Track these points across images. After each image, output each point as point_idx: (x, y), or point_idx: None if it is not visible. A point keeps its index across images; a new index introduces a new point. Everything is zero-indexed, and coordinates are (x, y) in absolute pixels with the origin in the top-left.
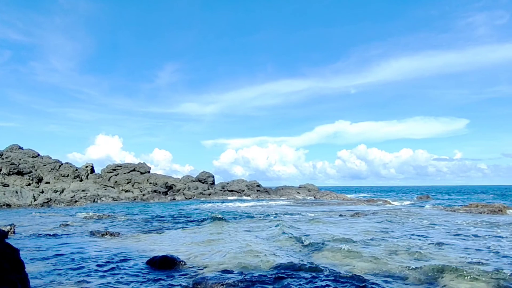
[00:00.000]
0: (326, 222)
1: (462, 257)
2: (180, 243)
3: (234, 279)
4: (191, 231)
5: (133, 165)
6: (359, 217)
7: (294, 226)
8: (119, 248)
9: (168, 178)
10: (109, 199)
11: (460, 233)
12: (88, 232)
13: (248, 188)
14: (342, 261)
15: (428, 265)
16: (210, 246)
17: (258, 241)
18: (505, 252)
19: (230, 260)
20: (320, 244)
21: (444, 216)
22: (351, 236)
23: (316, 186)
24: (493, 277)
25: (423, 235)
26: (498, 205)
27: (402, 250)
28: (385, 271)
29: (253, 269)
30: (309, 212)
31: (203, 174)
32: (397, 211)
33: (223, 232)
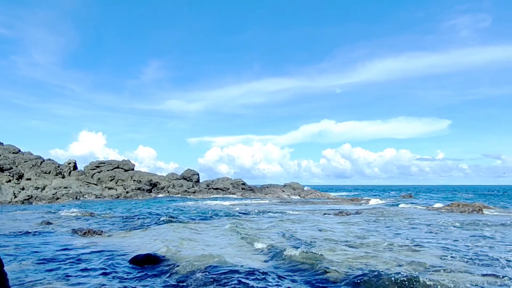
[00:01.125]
0: (298, 221)
1: (443, 256)
2: (165, 239)
3: (216, 276)
4: (173, 228)
5: (117, 162)
6: (342, 216)
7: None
8: (102, 246)
9: (152, 176)
10: (92, 196)
11: (441, 232)
12: (70, 230)
13: (233, 186)
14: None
15: (407, 264)
16: (191, 243)
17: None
18: (485, 251)
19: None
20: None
21: (426, 216)
22: (325, 236)
23: (301, 185)
24: (472, 275)
25: (404, 234)
26: (479, 205)
27: (378, 249)
28: (339, 275)
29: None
30: (289, 211)
31: (187, 172)
32: (379, 210)
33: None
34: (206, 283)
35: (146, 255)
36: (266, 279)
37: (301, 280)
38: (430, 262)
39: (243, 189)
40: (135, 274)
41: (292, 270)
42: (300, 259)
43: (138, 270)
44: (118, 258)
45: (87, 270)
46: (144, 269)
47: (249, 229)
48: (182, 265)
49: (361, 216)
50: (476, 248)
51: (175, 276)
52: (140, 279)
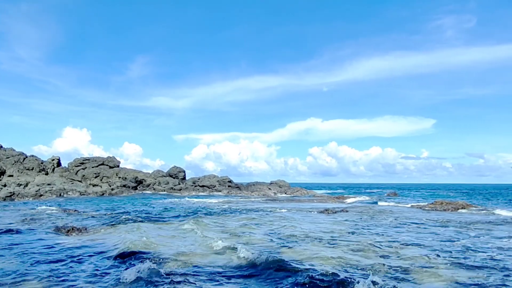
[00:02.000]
0: (278, 219)
1: (425, 255)
2: (150, 236)
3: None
4: (157, 226)
5: (102, 159)
6: (328, 214)
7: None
8: (85, 244)
9: (138, 173)
10: (76, 193)
11: (424, 230)
12: (53, 227)
13: (220, 184)
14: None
15: (385, 263)
16: (173, 240)
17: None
18: (467, 248)
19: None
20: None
21: (410, 213)
22: (304, 233)
23: (287, 183)
24: (454, 272)
25: (387, 232)
26: (461, 203)
27: (356, 247)
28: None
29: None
30: (274, 209)
31: (174, 169)
32: (364, 208)
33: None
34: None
35: (131, 252)
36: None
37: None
38: (412, 260)
39: (229, 187)
40: (120, 270)
41: (237, 270)
42: (248, 260)
43: (122, 266)
44: (103, 254)
45: (70, 267)
46: (129, 265)
47: (214, 226)
48: (168, 263)
49: (346, 214)
50: (458, 246)
51: (161, 272)
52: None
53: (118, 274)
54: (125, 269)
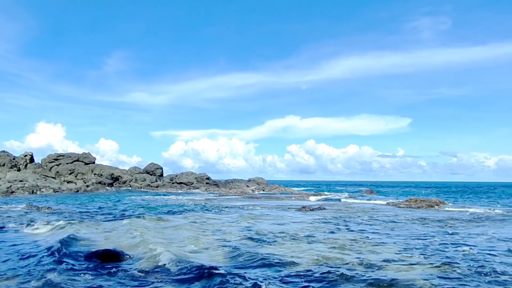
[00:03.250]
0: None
1: (400, 250)
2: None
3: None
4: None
5: (76, 155)
6: (306, 211)
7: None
8: (57, 241)
9: (114, 169)
10: (50, 190)
11: (398, 227)
12: (24, 224)
13: (197, 181)
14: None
15: (358, 260)
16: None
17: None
18: (439, 245)
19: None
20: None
21: (386, 211)
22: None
23: (266, 180)
24: (426, 268)
25: (362, 229)
26: (435, 200)
27: (319, 244)
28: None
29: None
30: (250, 206)
31: (151, 166)
32: (340, 205)
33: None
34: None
35: (105, 250)
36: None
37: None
38: (387, 256)
39: (207, 184)
40: (93, 269)
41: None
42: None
43: (96, 264)
44: (76, 252)
45: (41, 265)
46: (103, 264)
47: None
48: (141, 261)
49: (323, 212)
50: (431, 242)
51: (134, 270)
52: (98, 275)
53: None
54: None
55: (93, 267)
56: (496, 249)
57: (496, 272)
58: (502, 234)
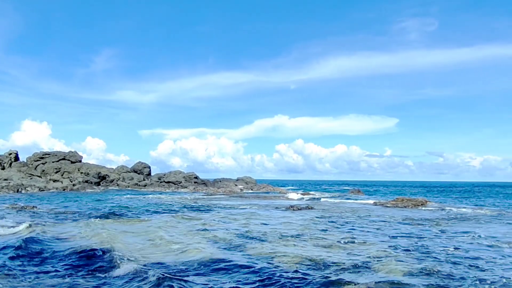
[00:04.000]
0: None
1: (385, 248)
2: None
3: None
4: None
5: (63, 154)
6: (294, 211)
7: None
8: (42, 241)
9: (101, 168)
10: (35, 189)
11: (385, 226)
12: (8, 224)
13: (186, 180)
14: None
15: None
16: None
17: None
18: (424, 243)
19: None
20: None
21: (373, 210)
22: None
23: (254, 179)
24: (412, 265)
25: (349, 228)
26: (421, 199)
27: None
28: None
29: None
30: (226, 206)
31: (138, 165)
32: (328, 205)
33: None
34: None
35: (89, 250)
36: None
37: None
38: (373, 254)
39: (195, 183)
40: (77, 268)
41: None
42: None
43: (80, 264)
44: (58, 252)
45: (25, 265)
46: (87, 263)
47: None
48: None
49: (311, 211)
50: (417, 241)
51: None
52: (82, 276)
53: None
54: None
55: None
56: (480, 248)
57: (480, 271)
58: (487, 233)
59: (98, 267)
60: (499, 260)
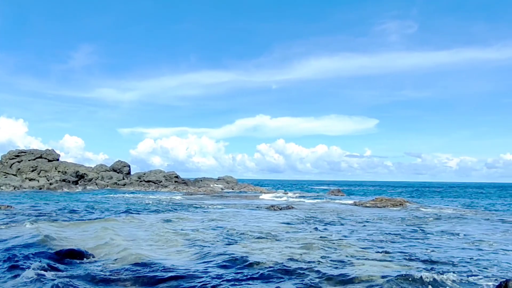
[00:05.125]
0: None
1: (364, 247)
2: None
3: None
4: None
5: (39, 152)
6: (274, 210)
7: None
8: (17, 241)
9: (79, 167)
10: (10, 188)
11: (364, 226)
12: None
13: (166, 179)
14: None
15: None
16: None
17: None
18: (400, 243)
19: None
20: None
21: (353, 210)
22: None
23: (235, 178)
24: (389, 264)
25: (330, 228)
26: (400, 200)
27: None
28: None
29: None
30: (215, 205)
31: (118, 164)
32: (308, 205)
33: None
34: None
35: (69, 249)
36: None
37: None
38: (351, 254)
39: (176, 182)
40: (56, 269)
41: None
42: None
43: (60, 264)
44: (37, 252)
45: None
46: (67, 263)
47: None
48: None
49: (291, 211)
50: (394, 240)
51: (98, 270)
52: (63, 276)
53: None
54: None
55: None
56: (457, 247)
57: (456, 269)
58: (464, 232)
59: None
60: (476, 259)
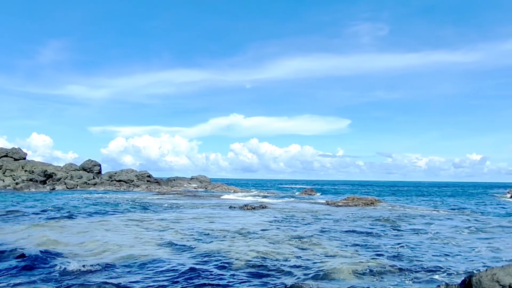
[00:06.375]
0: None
1: (336, 246)
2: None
3: None
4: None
5: (5, 150)
6: (247, 210)
7: None
8: None
9: (47, 166)
10: None
11: (336, 224)
12: None
13: (138, 179)
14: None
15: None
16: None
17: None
18: (372, 240)
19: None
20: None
21: (325, 209)
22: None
23: (208, 178)
24: (360, 262)
25: (302, 227)
26: (371, 199)
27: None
28: None
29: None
30: (174, 206)
31: (88, 163)
32: (280, 204)
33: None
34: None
35: (32, 250)
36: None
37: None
38: (323, 252)
39: (148, 182)
40: (18, 270)
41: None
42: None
43: (22, 265)
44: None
45: None
46: (31, 264)
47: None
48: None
49: (264, 210)
50: (365, 239)
51: (60, 270)
52: (24, 277)
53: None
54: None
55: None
56: (425, 244)
57: (423, 265)
58: (432, 230)
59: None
60: (444, 256)
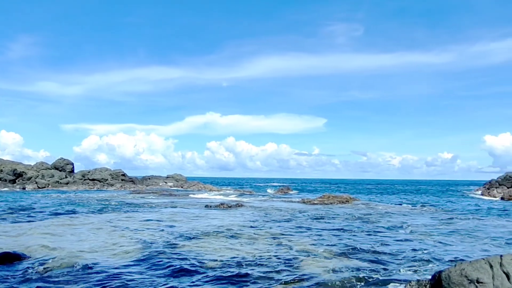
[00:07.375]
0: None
1: (311, 243)
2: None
3: None
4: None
5: None
6: (224, 209)
7: None
8: None
9: (17, 165)
10: None
11: (312, 222)
12: None
13: (112, 177)
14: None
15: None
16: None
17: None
18: (346, 238)
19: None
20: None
21: (300, 207)
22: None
23: (184, 176)
24: (335, 258)
25: (278, 225)
26: (346, 197)
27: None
28: None
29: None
30: (152, 204)
31: (60, 161)
32: (257, 203)
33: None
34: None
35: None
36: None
37: None
38: (298, 249)
39: (123, 180)
40: None
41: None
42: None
43: None
44: None
45: None
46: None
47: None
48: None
49: (241, 209)
50: (341, 236)
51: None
52: None
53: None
54: None
55: None
56: (399, 240)
57: (397, 261)
58: (406, 227)
59: None
60: (417, 252)
